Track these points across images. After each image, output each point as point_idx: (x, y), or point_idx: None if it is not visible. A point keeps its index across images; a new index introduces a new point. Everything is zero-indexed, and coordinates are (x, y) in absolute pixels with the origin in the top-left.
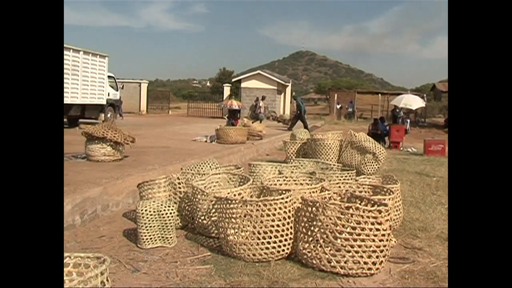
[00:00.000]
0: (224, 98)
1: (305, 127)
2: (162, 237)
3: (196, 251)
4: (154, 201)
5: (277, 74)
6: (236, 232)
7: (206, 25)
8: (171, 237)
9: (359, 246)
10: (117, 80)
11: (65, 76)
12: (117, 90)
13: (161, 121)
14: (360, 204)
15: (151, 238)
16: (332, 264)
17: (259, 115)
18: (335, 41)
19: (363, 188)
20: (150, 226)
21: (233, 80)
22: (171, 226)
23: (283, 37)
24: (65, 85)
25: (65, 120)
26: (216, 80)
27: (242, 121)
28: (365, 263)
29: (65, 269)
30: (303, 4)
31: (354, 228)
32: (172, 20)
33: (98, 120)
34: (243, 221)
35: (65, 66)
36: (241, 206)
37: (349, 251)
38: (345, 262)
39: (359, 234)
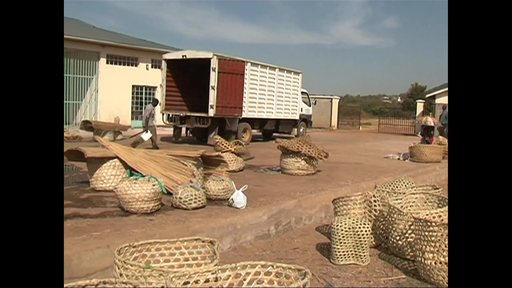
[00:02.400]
0: (417, 114)
1: None
2: (356, 254)
3: (390, 272)
4: (349, 218)
5: None
6: (435, 256)
7: (397, 40)
8: (364, 255)
9: None
10: (309, 96)
11: (262, 92)
12: (309, 106)
13: (352, 137)
14: None
15: (344, 255)
16: None
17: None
18: None
19: None
20: (344, 243)
21: (427, 96)
22: (365, 244)
23: None
24: (261, 101)
25: (260, 133)
26: (408, 96)
27: (437, 139)
28: None
29: (267, 277)
30: None
31: None
32: (362, 35)
33: (291, 135)
34: (442, 244)
35: (262, 83)
36: (441, 228)
37: None
38: None
39: None
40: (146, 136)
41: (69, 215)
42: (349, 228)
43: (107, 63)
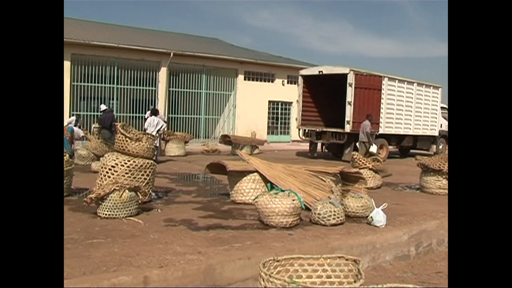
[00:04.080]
0: None
1: None
2: None
3: None
4: None
5: None
6: None
7: None
8: None
9: None
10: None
11: (399, 107)
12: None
13: None
14: None
15: None
16: None
17: None
18: None
19: None
20: None
21: None
22: None
23: None
24: (399, 116)
25: (397, 150)
26: None
27: None
28: None
29: None
30: None
31: None
32: None
33: (429, 152)
34: None
35: (399, 98)
36: None
37: None
38: None
39: None
40: (374, 148)
41: (212, 225)
42: None
43: (244, 79)
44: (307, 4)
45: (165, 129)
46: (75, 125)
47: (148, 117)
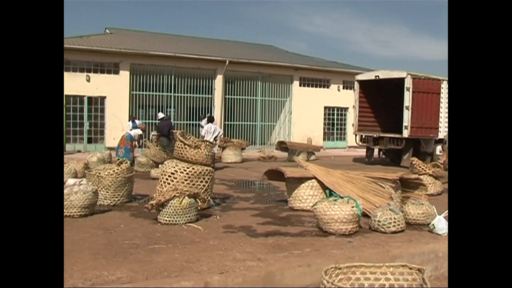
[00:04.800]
0: None
1: None
2: None
3: None
4: None
5: None
6: None
7: None
8: None
9: None
10: None
11: None
12: None
13: None
14: None
15: None
16: None
17: None
18: None
19: None
20: None
21: None
22: None
23: None
24: None
25: None
26: None
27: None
28: None
29: None
30: None
31: None
32: None
33: None
34: None
35: None
36: None
37: None
38: None
39: None
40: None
41: (271, 232)
42: None
43: (300, 85)
44: (362, 8)
45: (222, 136)
46: (133, 126)
47: (204, 124)
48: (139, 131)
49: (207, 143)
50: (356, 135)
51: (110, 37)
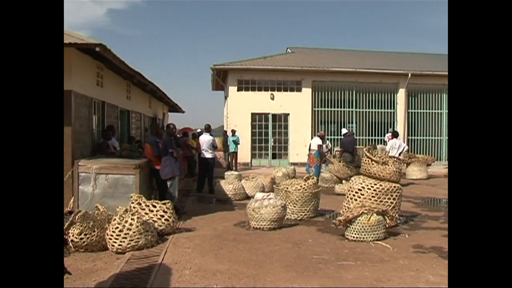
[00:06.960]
0: None
1: None
2: None
3: None
4: None
5: None
6: None
7: None
8: None
9: None
10: None
11: None
12: None
13: None
14: None
15: None
16: None
17: None
18: None
19: None
20: None
21: None
22: None
23: None
24: None
25: None
26: None
27: None
28: None
29: None
30: None
31: None
32: None
33: None
34: None
35: None
36: None
37: None
38: None
39: None
40: None
41: None
42: None
43: None
44: None
45: (406, 151)
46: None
47: (388, 139)
48: (318, 141)
49: (395, 159)
50: None
51: (291, 56)
